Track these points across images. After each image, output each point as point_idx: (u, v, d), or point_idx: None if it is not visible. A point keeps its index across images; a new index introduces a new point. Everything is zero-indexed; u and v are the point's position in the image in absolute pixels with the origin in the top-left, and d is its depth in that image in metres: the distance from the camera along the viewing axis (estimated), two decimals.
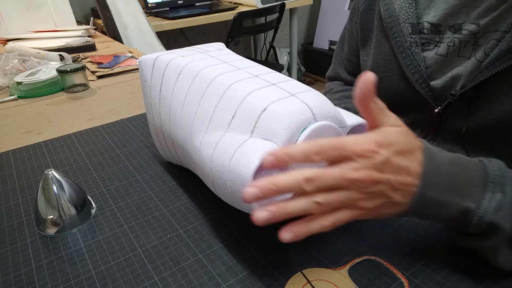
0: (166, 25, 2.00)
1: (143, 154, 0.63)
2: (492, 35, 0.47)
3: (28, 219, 0.48)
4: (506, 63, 0.44)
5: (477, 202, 0.33)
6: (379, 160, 0.31)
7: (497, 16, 0.46)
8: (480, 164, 0.35)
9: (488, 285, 0.36)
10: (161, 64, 0.49)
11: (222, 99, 0.39)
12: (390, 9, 0.56)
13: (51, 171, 0.45)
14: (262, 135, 0.35)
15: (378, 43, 0.60)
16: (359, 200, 0.32)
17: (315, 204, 0.30)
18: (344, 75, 0.77)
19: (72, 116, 0.81)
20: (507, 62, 0.44)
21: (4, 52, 1.20)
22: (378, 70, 0.60)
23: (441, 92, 0.53)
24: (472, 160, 0.36)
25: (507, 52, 0.44)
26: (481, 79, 0.46)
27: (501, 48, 0.45)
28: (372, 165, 0.31)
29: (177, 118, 0.46)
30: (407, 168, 0.32)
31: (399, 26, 0.55)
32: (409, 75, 0.54)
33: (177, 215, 0.47)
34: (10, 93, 0.93)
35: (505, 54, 0.44)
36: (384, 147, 0.31)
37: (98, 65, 1.14)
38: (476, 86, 0.47)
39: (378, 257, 0.39)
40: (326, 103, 0.37)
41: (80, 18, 2.26)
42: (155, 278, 0.38)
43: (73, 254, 0.42)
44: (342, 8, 2.93)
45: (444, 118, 0.53)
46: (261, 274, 0.38)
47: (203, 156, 0.39)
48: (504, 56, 0.44)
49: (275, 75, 0.42)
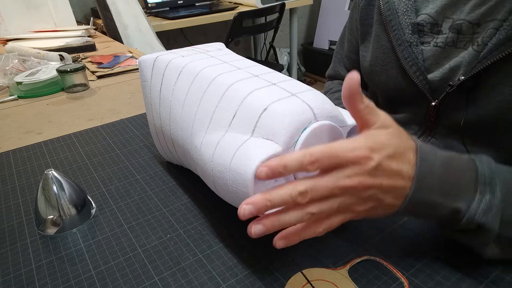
0: (166, 25, 2.00)
1: (143, 154, 0.63)
2: (490, 24, 0.47)
3: (28, 219, 0.48)
4: (504, 52, 0.44)
5: (467, 203, 0.34)
6: (371, 165, 0.31)
7: (494, 5, 0.46)
8: (471, 165, 0.35)
9: (488, 285, 0.36)
10: (161, 64, 0.49)
11: (223, 99, 0.39)
12: (390, 2, 0.56)
13: (51, 171, 0.45)
14: (263, 134, 0.35)
15: (377, 37, 0.60)
16: (352, 205, 0.32)
17: (308, 214, 0.31)
18: (344, 73, 0.77)
19: (72, 116, 0.81)
20: (506, 51, 0.43)
21: (4, 52, 1.20)
22: (376, 64, 0.60)
23: (439, 85, 0.53)
24: (464, 159, 0.36)
25: (506, 41, 0.44)
26: (480, 69, 0.46)
27: (499, 37, 0.45)
28: (364, 171, 0.31)
29: (177, 118, 0.46)
30: (399, 171, 0.32)
31: (398, 19, 0.55)
32: (407, 68, 0.54)
33: (177, 215, 0.47)
34: (10, 93, 0.93)
35: (503, 43, 0.44)
36: (376, 152, 0.31)
37: (98, 65, 1.14)
38: (474, 76, 0.47)
39: (378, 257, 0.39)
40: (326, 102, 0.37)
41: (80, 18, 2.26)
42: (155, 278, 0.38)
43: (73, 254, 0.42)
44: (342, 8, 2.93)
45: (441, 112, 0.53)
46: (261, 274, 0.38)
47: (203, 156, 0.39)
48: (503, 44, 0.44)
49: (275, 75, 0.42)
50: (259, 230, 0.31)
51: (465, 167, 0.35)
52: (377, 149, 0.32)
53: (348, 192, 0.31)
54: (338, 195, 0.31)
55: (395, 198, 0.33)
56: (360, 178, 0.31)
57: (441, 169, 0.34)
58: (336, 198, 0.31)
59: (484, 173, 0.34)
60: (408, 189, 0.33)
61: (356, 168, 0.31)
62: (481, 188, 0.34)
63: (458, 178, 0.34)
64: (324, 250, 0.40)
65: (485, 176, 0.34)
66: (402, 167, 0.33)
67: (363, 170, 0.31)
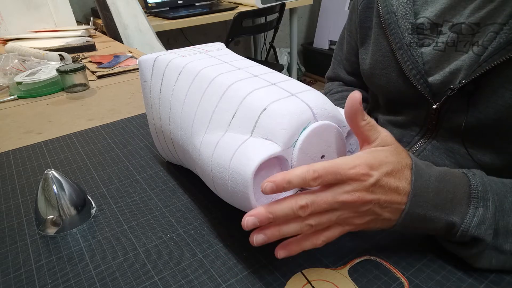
0: (166, 25, 2.00)
1: (143, 154, 0.63)
2: (490, 27, 0.47)
3: (28, 219, 0.48)
4: (505, 56, 0.44)
5: (461, 217, 0.35)
6: (370, 182, 0.33)
7: (494, 8, 0.46)
8: (465, 179, 0.37)
9: (488, 285, 0.36)
10: (161, 64, 0.49)
11: (222, 99, 0.39)
12: (388, 5, 0.56)
13: (51, 171, 0.45)
14: (262, 134, 0.35)
15: (376, 41, 0.60)
16: (350, 218, 0.35)
17: (308, 226, 0.33)
18: (344, 75, 0.77)
19: (72, 116, 0.81)
20: (506, 55, 0.43)
21: (4, 52, 1.20)
22: (376, 67, 0.60)
23: (439, 88, 0.53)
24: (457, 174, 0.38)
25: (506, 45, 0.44)
26: (480, 73, 0.46)
27: (500, 41, 0.44)
28: (363, 187, 0.33)
29: (177, 118, 0.46)
30: (396, 188, 0.34)
31: (397, 23, 0.55)
32: (407, 71, 0.54)
33: (177, 215, 0.47)
34: (10, 93, 0.93)
35: (504, 47, 0.44)
36: (375, 169, 0.34)
37: (98, 65, 1.14)
38: (475, 79, 0.47)
39: (378, 257, 0.39)
40: (326, 102, 0.37)
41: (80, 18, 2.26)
42: (155, 278, 0.38)
43: (73, 254, 0.42)
44: (342, 8, 2.93)
45: (442, 115, 0.53)
46: (261, 274, 0.38)
47: (203, 155, 0.39)
48: (503, 48, 0.44)
49: (275, 75, 0.42)
50: (261, 239, 0.33)
51: (459, 182, 0.37)
52: (376, 167, 0.34)
53: (347, 207, 0.33)
54: (337, 209, 0.34)
55: (392, 212, 0.35)
56: (359, 194, 0.33)
57: (436, 184, 0.36)
58: (335, 211, 0.34)
59: (477, 187, 0.36)
60: (404, 204, 0.35)
61: (356, 184, 0.33)
62: (474, 202, 0.35)
63: (452, 193, 0.36)
64: (324, 250, 0.40)
65: (478, 190, 0.36)
66: (399, 184, 0.35)
67: (362, 186, 0.33)
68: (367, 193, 0.33)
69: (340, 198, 0.32)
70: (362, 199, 0.33)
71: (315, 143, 0.36)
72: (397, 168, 0.35)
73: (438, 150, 0.56)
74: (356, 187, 0.33)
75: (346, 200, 0.33)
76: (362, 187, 0.33)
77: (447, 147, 0.54)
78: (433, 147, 0.56)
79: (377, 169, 0.33)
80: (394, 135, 0.62)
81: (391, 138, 0.37)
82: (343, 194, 0.33)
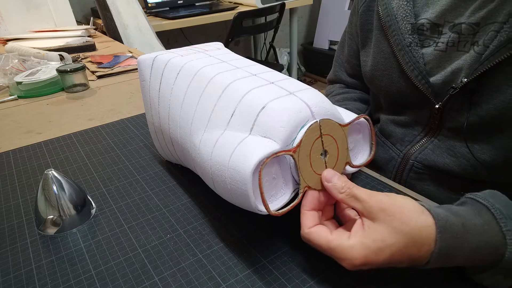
0: (166, 25, 2.00)
1: (143, 154, 0.63)
2: (490, 27, 0.47)
3: (28, 219, 0.48)
4: (506, 53, 0.44)
5: (503, 242, 0.31)
6: (369, 268, 0.32)
7: (494, 8, 0.46)
8: (483, 210, 0.33)
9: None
10: (160, 64, 0.49)
11: (221, 98, 0.39)
12: (388, 8, 0.56)
13: (51, 171, 0.45)
14: (261, 132, 0.35)
15: (377, 43, 0.60)
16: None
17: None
18: (345, 77, 0.77)
19: (72, 116, 0.81)
20: (507, 52, 0.44)
21: (4, 52, 1.20)
22: (378, 69, 0.60)
23: (441, 88, 0.53)
24: (470, 207, 0.34)
25: (507, 43, 0.44)
26: (482, 71, 0.46)
27: (500, 39, 0.45)
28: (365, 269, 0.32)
29: (176, 117, 0.46)
30: (409, 256, 0.32)
31: (397, 25, 0.55)
32: (408, 72, 0.54)
33: (177, 215, 0.47)
34: (10, 93, 0.93)
35: (504, 45, 0.44)
36: (371, 260, 0.31)
37: (98, 65, 1.14)
38: (477, 78, 0.47)
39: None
40: (324, 101, 0.37)
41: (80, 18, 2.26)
42: (155, 278, 0.38)
43: (73, 254, 0.42)
44: (342, 8, 2.93)
45: (445, 114, 0.54)
46: (261, 274, 0.38)
47: (202, 154, 0.39)
48: (504, 46, 0.44)
49: (273, 74, 0.42)
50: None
51: (477, 215, 0.33)
52: (372, 259, 0.31)
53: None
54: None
55: (413, 262, 0.32)
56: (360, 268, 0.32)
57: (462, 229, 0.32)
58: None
59: (502, 211, 0.32)
60: (427, 259, 0.32)
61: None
62: (506, 226, 0.32)
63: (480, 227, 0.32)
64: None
65: (504, 214, 0.32)
66: (413, 255, 0.31)
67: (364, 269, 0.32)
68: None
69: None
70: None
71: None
72: (405, 245, 0.31)
73: (439, 148, 0.56)
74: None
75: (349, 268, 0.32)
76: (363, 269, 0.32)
77: (448, 145, 0.55)
78: (435, 145, 0.56)
79: (374, 260, 0.31)
80: (397, 134, 0.62)
81: (391, 202, 0.32)
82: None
